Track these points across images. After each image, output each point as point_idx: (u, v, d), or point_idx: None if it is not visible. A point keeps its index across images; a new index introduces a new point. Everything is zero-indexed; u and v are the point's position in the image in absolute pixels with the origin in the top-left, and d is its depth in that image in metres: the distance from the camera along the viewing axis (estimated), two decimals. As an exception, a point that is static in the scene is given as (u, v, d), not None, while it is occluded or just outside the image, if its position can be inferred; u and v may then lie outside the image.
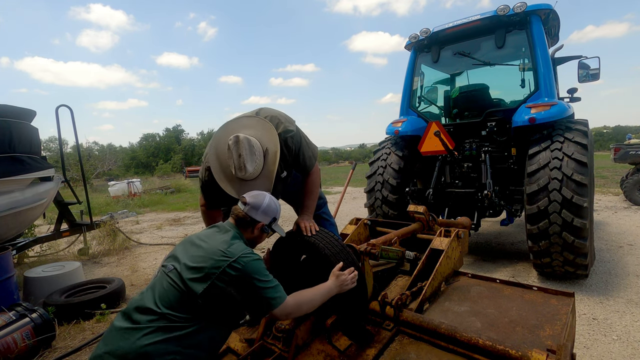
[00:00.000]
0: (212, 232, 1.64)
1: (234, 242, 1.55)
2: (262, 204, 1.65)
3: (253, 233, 1.67)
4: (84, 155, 21.99)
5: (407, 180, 4.78)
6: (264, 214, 1.65)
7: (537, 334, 1.58)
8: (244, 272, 1.46)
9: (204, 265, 1.45)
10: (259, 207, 1.64)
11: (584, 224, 3.31)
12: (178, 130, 52.28)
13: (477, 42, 4.73)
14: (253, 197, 1.66)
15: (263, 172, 1.78)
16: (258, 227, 1.66)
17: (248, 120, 1.87)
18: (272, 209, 1.68)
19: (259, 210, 1.64)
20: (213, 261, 1.46)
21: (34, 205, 4.25)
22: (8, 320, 2.84)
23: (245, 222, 1.65)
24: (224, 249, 1.50)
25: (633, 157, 8.14)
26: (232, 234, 1.60)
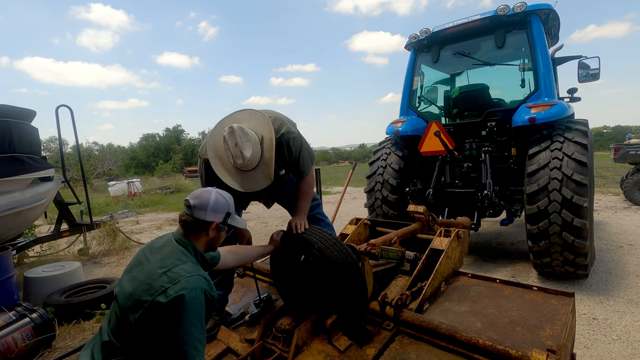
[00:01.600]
0: (158, 246, 1.46)
1: (178, 261, 1.36)
2: (209, 202, 1.47)
3: (208, 235, 1.50)
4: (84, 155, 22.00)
5: (407, 180, 4.78)
6: (215, 212, 1.48)
7: (537, 334, 1.58)
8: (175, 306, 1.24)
9: (138, 291, 1.28)
10: (206, 206, 1.46)
11: (584, 224, 3.31)
12: (178, 130, 52.28)
13: (477, 42, 4.73)
14: (196, 197, 1.48)
15: (262, 160, 1.75)
16: (212, 227, 1.49)
17: (241, 114, 1.87)
18: (221, 204, 1.51)
19: (207, 210, 1.46)
20: (148, 286, 1.28)
21: (34, 205, 4.25)
22: (8, 320, 2.84)
23: (194, 227, 1.47)
24: (163, 272, 1.31)
25: (633, 157, 8.14)
26: (178, 250, 1.42)
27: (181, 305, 1.24)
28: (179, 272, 1.31)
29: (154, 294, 1.25)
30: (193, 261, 1.43)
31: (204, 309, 1.31)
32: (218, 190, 1.54)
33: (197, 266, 1.42)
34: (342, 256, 1.75)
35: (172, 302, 1.24)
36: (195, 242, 1.49)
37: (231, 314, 2.27)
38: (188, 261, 1.39)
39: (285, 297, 2.05)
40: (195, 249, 1.48)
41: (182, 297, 1.24)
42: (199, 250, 1.50)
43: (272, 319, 1.90)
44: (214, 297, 1.38)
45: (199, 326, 1.28)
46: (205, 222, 1.47)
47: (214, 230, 1.50)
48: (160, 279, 1.28)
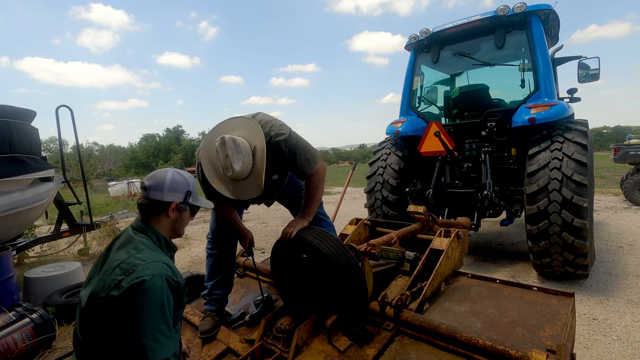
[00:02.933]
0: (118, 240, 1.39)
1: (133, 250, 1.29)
2: (165, 180, 1.40)
3: (169, 217, 1.42)
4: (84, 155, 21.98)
5: (407, 180, 4.78)
6: (173, 191, 1.40)
7: (537, 334, 1.58)
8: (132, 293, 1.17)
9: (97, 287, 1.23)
10: (162, 185, 1.39)
11: (584, 224, 3.31)
12: (178, 130, 52.33)
13: (477, 42, 4.73)
14: (151, 177, 1.42)
15: (253, 170, 1.74)
16: (172, 208, 1.41)
17: (236, 121, 1.86)
18: (180, 183, 1.43)
19: (164, 190, 1.39)
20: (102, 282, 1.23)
21: (34, 205, 4.25)
22: (8, 321, 2.84)
23: (152, 209, 1.39)
24: (116, 265, 1.24)
25: (633, 157, 8.15)
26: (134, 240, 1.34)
27: (136, 295, 1.17)
28: (132, 261, 1.24)
29: (107, 288, 1.19)
30: (153, 247, 1.36)
31: (166, 296, 1.22)
32: (176, 169, 1.48)
33: (158, 252, 1.35)
34: (342, 257, 1.75)
35: (126, 294, 1.17)
36: (156, 227, 1.42)
37: (231, 314, 2.27)
38: (145, 249, 1.31)
39: (285, 297, 2.05)
40: (156, 234, 1.41)
41: (136, 286, 1.17)
42: (161, 234, 1.42)
43: (272, 319, 1.90)
44: (179, 282, 1.30)
45: (158, 315, 1.19)
46: (163, 203, 1.39)
47: (174, 212, 1.42)
48: (113, 273, 1.22)
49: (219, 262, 2.30)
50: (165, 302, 1.22)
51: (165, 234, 1.45)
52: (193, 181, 1.52)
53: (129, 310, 1.16)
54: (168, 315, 1.22)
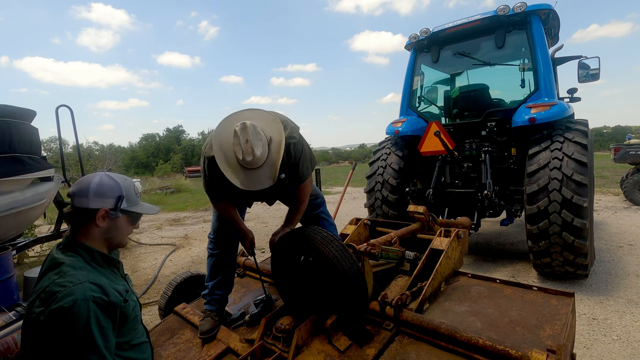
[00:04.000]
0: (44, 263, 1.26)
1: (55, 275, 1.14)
2: (90, 185, 1.24)
3: (99, 226, 1.26)
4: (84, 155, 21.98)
5: (407, 180, 4.78)
6: (100, 196, 1.24)
7: (537, 334, 1.58)
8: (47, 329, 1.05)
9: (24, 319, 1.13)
10: (87, 191, 1.23)
11: (584, 224, 3.31)
12: (178, 130, 52.33)
13: (477, 42, 4.73)
14: (77, 184, 1.27)
15: (267, 160, 1.71)
16: (100, 216, 1.24)
17: (250, 112, 1.84)
18: (108, 187, 1.27)
19: (89, 196, 1.23)
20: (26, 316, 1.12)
21: (34, 205, 4.24)
22: (8, 320, 2.84)
23: (79, 218, 1.25)
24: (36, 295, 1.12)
25: (633, 157, 8.15)
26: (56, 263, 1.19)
27: (55, 327, 1.04)
28: (52, 289, 1.09)
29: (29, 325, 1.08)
30: (82, 267, 1.20)
31: (95, 321, 1.09)
32: (108, 173, 1.34)
33: (88, 271, 1.20)
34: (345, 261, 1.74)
35: (45, 327, 1.04)
36: (86, 241, 1.26)
37: (231, 314, 2.27)
38: (70, 270, 1.16)
39: (285, 297, 2.05)
40: (87, 249, 1.25)
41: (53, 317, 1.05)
42: (94, 249, 1.26)
43: (272, 319, 1.90)
44: (112, 301, 1.16)
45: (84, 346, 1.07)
46: (89, 211, 1.23)
47: (103, 220, 1.26)
48: (33, 306, 1.09)
49: (220, 262, 2.31)
50: (94, 327, 1.09)
51: (100, 247, 1.29)
52: (129, 185, 1.36)
53: (52, 345, 1.05)
54: (99, 342, 1.09)
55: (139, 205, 1.38)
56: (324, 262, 1.75)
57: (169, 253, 5.94)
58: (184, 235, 7.44)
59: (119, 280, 1.33)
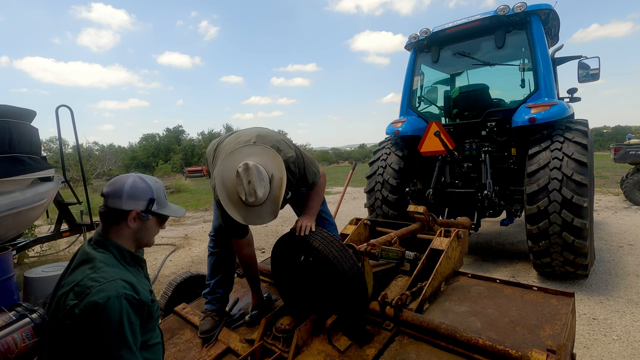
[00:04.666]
0: (73, 259, 1.29)
1: (89, 270, 1.18)
2: (124, 187, 1.29)
3: (130, 227, 1.30)
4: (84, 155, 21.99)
5: (407, 180, 4.79)
6: (132, 199, 1.29)
7: (537, 334, 1.58)
8: (81, 323, 1.08)
9: (51, 315, 1.16)
10: (120, 192, 1.27)
11: (584, 224, 3.31)
12: (178, 130, 52.34)
13: (477, 42, 4.73)
14: (110, 184, 1.31)
15: (269, 197, 1.74)
16: (131, 217, 1.29)
17: (252, 149, 1.84)
18: (141, 189, 1.31)
19: (122, 198, 1.27)
20: (57, 308, 1.15)
21: (34, 205, 4.25)
22: (8, 321, 2.83)
23: (111, 218, 1.29)
24: (69, 288, 1.14)
25: (633, 157, 8.15)
26: (89, 257, 1.23)
27: (90, 321, 1.08)
28: (86, 283, 1.13)
29: (61, 317, 1.10)
30: (114, 264, 1.24)
31: (126, 317, 1.13)
32: (140, 174, 1.38)
33: (119, 268, 1.24)
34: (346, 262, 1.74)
35: (79, 321, 1.07)
36: (117, 239, 1.30)
37: (231, 314, 2.27)
38: (103, 266, 1.20)
39: (285, 297, 2.05)
40: (118, 247, 1.29)
41: (88, 312, 1.08)
42: (124, 248, 1.31)
43: (272, 319, 1.90)
44: (142, 300, 1.21)
45: (117, 341, 1.11)
46: (121, 212, 1.27)
47: (134, 221, 1.30)
48: (67, 299, 1.12)
49: (220, 260, 2.32)
50: (126, 324, 1.13)
51: (129, 246, 1.33)
52: (159, 187, 1.40)
53: (84, 338, 1.08)
54: (129, 338, 1.13)
55: (168, 207, 1.43)
56: (324, 262, 1.75)
57: (169, 253, 5.94)
58: (184, 235, 7.44)
59: (143, 280, 1.36)
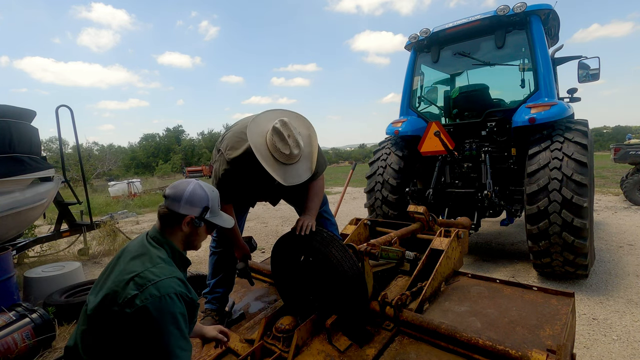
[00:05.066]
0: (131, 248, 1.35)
1: (148, 263, 1.26)
2: (184, 193, 1.36)
3: (183, 230, 1.39)
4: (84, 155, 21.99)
5: (407, 180, 4.78)
6: (189, 205, 1.37)
7: (537, 334, 1.58)
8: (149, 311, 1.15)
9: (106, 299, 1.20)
10: (180, 197, 1.36)
11: (584, 224, 3.31)
12: (178, 130, 52.36)
13: (477, 42, 4.73)
14: (173, 187, 1.40)
15: (304, 154, 1.77)
16: (185, 222, 1.37)
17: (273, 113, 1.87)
18: (198, 197, 1.39)
19: (181, 202, 1.36)
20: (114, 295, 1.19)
21: (34, 205, 4.25)
22: (8, 321, 2.84)
23: (169, 219, 1.37)
24: (131, 277, 1.21)
25: (633, 157, 8.14)
26: (149, 251, 1.30)
27: (152, 313, 1.15)
28: (147, 276, 1.21)
29: (121, 303, 1.16)
30: (168, 261, 1.32)
31: (180, 312, 1.21)
32: (200, 182, 1.44)
33: (172, 267, 1.31)
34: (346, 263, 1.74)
35: (141, 312, 1.14)
36: (171, 239, 1.38)
37: (231, 314, 2.27)
38: (161, 262, 1.28)
39: (285, 297, 2.05)
40: (172, 247, 1.37)
41: (151, 304, 1.15)
42: (176, 248, 1.39)
43: (272, 319, 1.90)
44: (193, 299, 1.29)
45: (176, 332, 1.18)
46: (178, 215, 1.36)
47: (187, 226, 1.38)
48: (127, 287, 1.18)
49: (222, 260, 2.33)
50: (181, 318, 1.21)
51: (180, 247, 1.42)
52: (215, 196, 1.47)
53: (146, 328, 1.15)
54: (184, 330, 1.22)
55: (219, 217, 1.49)
56: (324, 262, 1.75)
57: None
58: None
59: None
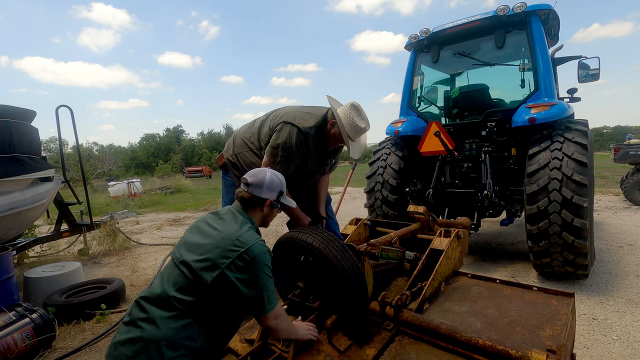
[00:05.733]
0: (222, 217, 1.62)
1: (245, 229, 1.54)
2: (265, 180, 1.65)
3: (263, 211, 1.68)
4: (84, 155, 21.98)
5: (407, 180, 4.78)
6: (270, 190, 1.66)
7: (537, 334, 1.58)
8: (253, 263, 1.45)
9: (213, 254, 1.44)
10: (262, 184, 1.64)
11: (584, 224, 3.31)
12: (178, 130, 52.38)
13: (477, 42, 4.73)
14: (253, 175, 1.65)
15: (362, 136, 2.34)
16: (267, 204, 1.67)
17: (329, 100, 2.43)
18: (276, 183, 1.68)
19: (263, 188, 1.64)
20: (223, 250, 1.44)
21: (34, 205, 4.25)
22: (8, 321, 2.84)
23: (251, 202, 1.65)
24: (235, 237, 1.48)
25: (633, 157, 8.14)
26: (242, 220, 1.59)
27: (258, 265, 1.45)
28: (249, 236, 1.50)
29: (231, 256, 1.43)
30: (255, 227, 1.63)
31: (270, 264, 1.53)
32: (272, 171, 1.72)
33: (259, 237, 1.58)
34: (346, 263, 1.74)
35: (250, 263, 1.44)
36: (252, 216, 1.66)
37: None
38: (252, 229, 1.57)
39: (286, 297, 2.05)
40: (252, 222, 1.64)
41: (258, 258, 1.46)
42: (255, 224, 1.66)
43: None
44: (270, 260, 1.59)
45: (270, 280, 1.50)
46: (260, 199, 1.64)
47: (268, 207, 1.68)
48: (234, 243, 1.46)
49: None
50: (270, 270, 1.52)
51: (257, 224, 1.69)
52: (284, 182, 1.76)
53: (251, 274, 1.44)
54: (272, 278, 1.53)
55: (287, 199, 1.79)
56: (324, 262, 1.75)
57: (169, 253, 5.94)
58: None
59: None
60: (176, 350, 1.31)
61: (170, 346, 1.31)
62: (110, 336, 3.17)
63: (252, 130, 2.60)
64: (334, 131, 2.37)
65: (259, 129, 2.52)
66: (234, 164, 2.63)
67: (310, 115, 2.38)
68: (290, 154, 2.25)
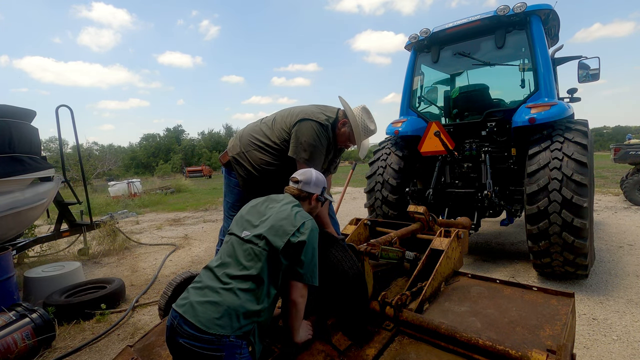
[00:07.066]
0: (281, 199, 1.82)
1: (301, 210, 1.75)
2: (312, 177, 1.89)
3: (310, 205, 1.89)
4: (84, 155, 21.98)
5: (407, 180, 4.78)
6: (316, 186, 1.89)
7: (537, 334, 1.58)
8: (309, 237, 1.62)
9: (283, 223, 1.62)
10: (310, 181, 1.87)
11: (584, 224, 3.31)
12: (178, 130, 52.38)
13: (477, 42, 4.73)
14: (302, 174, 1.90)
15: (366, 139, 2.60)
16: (314, 198, 1.89)
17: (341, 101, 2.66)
18: (320, 181, 1.91)
19: (311, 184, 1.87)
20: (290, 222, 1.64)
21: (34, 205, 4.25)
22: (8, 321, 2.84)
23: (301, 197, 1.86)
24: (296, 212, 1.69)
25: (633, 157, 8.14)
26: (296, 203, 1.81)
27: (311, 237, 1.64)
28: (305, 215, 1.71)
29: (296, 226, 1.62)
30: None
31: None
32: (315, 170, 1.96)
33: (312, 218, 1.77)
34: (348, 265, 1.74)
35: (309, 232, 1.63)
36: None
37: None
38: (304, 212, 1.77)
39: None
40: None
41: (313, 231, 1.65)
42: None
43: (272, 319, 1.89)
44: None
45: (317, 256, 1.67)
46: (309, 194, 1.87)
47: (314, 201, 1.91)
48: (296, 217, 1.66)
49: None
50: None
51: None
52: (326, 180, 2.00)
53: (306, 250, 1.60)
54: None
55: (327, 194, 2.03)
56: (324, 262, 1.75)
57: (169, 253, 5.94)
58: (184, 236, 7.44)
59: None
60: (248, 319, 1.47)
61: (245, 316, 1.46)
62: (110, 336, 3.17)
63: (260, 128, 2.69)
64: (344, 130, 2.57)
65: (270, 127, 2.65)
66: (239, 162, 2.69)
67: (324, 113, 2.57)
68: (316, 148, 2.45)
